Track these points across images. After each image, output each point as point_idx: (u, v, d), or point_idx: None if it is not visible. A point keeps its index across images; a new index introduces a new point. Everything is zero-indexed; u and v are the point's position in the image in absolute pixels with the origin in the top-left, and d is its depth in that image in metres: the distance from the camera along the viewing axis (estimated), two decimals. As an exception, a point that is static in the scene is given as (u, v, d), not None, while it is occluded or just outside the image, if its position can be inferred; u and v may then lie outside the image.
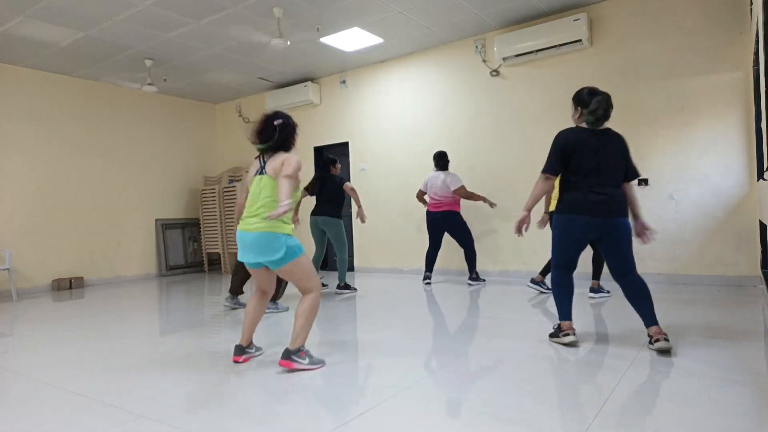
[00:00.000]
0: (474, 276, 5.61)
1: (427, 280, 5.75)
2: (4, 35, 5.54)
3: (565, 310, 3.01)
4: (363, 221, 5.32)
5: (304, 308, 2.70)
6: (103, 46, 5.97)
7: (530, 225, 3.19)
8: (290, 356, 2.66)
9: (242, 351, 2.91)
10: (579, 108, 2.96)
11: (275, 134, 2.75)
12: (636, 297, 2.88)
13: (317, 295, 2.74)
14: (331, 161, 5.47)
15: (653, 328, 2.80)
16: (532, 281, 4.90)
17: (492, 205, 5.65)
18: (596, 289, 4.46)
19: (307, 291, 2.74)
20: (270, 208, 2.66)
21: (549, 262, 4.77)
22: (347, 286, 5.43)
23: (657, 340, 2.73)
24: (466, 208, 6.05)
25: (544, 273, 4.83)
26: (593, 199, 2.85)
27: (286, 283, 4.28)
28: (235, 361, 2.88)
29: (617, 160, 2.92)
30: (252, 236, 2.66)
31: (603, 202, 2.85)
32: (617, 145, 2.94)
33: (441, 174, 5.60)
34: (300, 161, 2.72)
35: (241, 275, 4.65)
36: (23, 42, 5.75)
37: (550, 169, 2.93)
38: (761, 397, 2.09)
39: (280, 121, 2.78)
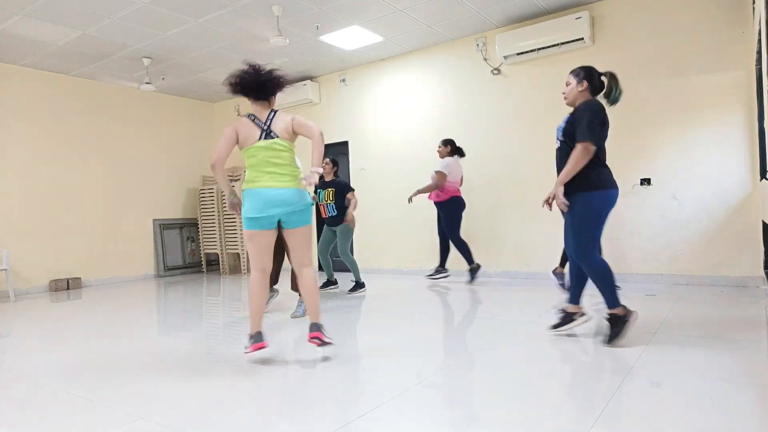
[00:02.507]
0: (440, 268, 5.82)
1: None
2: (1, 34, 5.49)
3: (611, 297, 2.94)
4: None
5: (312, 284, 2.89)
6: (101, 44, 5.93)
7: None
8: (320, 329, 2.83)
9: (262, 337, 2.92)
10: (587, 82, 2.95)
11: (269, 82, 2.82)
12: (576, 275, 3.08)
13: (312, 268, 2.94)
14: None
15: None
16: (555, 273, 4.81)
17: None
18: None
19: (308, 261, 2.90)
20: (293, 168, 2.82)
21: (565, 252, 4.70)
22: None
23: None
24: (467, 207, 6.01)
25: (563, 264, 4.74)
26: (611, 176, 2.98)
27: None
28: (261, 348, 2.80)
29: None
30: (289, 191, 2.76)
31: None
32: None
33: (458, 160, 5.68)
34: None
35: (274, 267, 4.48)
36: (20, 41, 5.71)
37: (596, 140, 2.80)
38: (764, 398, 2.06)
39: (264, 70, 2.83)
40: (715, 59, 4.79)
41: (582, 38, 5.29)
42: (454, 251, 5.80)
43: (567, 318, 3.14)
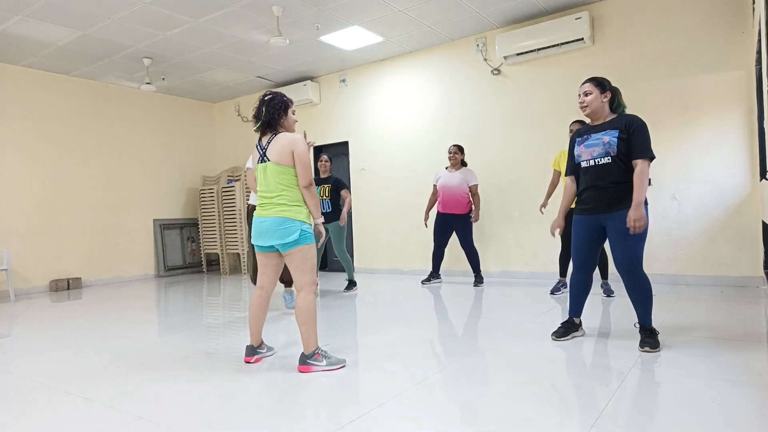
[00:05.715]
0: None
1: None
2: (2, 35, 5.50)
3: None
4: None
5: (300, 312, 2.67)
6: (102, 45, 5.93)
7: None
8: (306, 361, 2.67)
9: (254, 351, 2.90)
10: (611, 93, 2.98)
11: (263, 110, 2.77)
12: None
13: (309, 292, 2.71)
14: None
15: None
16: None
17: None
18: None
19: (300, 285, 2.71)
20: (282, 194, 2.70)
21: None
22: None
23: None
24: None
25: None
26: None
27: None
28: (247, 362, 2.87)
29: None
30: (269, 220, 2.71)
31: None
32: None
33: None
34: (305, 145, 2.74)
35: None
36: (21, 41, 5.71)
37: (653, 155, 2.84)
38: (763, 398, 2.06)
39: (269, 96, 2.80)
40: (714, 59, 4.79)
41: (582, 38, 5.29)
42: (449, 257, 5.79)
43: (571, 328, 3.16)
